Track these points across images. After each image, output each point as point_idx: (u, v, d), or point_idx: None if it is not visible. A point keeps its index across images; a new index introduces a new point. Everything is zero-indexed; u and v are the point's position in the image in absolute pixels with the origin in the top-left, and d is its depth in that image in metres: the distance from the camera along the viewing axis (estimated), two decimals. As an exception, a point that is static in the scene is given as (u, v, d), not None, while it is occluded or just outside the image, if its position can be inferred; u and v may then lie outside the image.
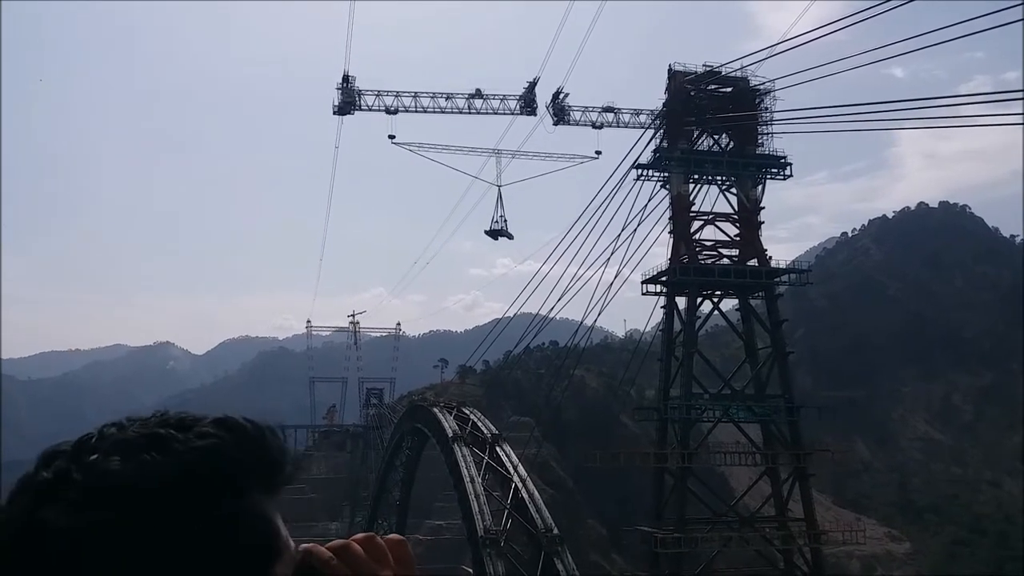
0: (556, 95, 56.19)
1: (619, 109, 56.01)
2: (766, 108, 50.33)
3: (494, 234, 59.47)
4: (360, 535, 1.55)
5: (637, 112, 55.50)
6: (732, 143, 51.51)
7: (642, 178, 50.09)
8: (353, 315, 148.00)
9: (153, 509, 1.22)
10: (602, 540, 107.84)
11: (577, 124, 56.40)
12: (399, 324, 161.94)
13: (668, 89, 50.59)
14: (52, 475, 1.27)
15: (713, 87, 51.17)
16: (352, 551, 1.48)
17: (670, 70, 50.46)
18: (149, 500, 1.23)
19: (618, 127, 55.78)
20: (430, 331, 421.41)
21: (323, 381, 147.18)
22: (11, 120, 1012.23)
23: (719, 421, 50.71)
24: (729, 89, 51.07)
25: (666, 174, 50.30)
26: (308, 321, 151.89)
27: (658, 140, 50.72)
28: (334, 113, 56.29)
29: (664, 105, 50.92)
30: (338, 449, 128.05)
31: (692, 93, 50.30)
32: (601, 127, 56.46)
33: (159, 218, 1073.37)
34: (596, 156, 59.05)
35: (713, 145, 51.87)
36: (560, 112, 56.09)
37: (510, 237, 59.50)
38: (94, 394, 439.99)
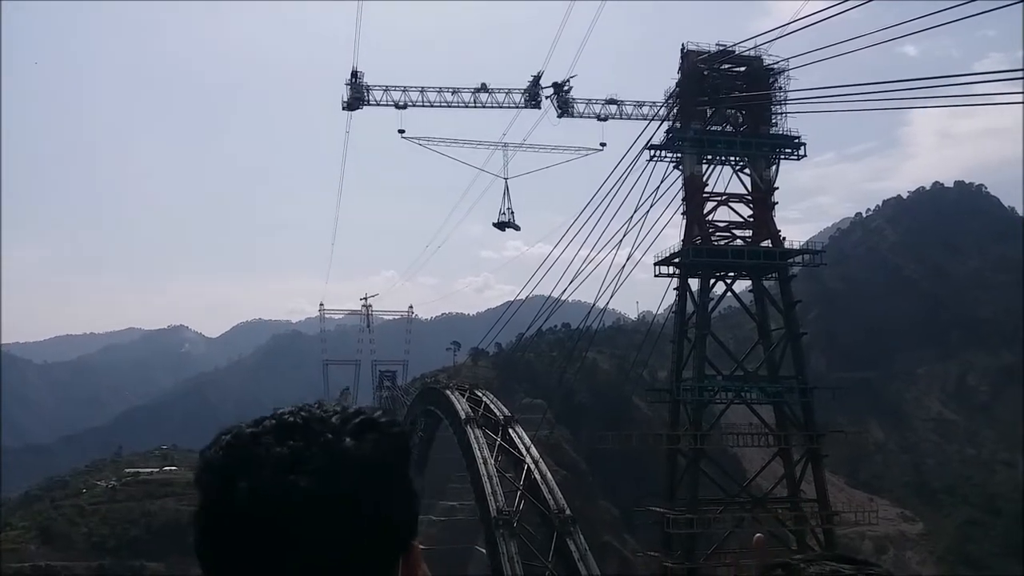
0: (560, 88, 55.97)
1: (622, 101, 55.92)
2: (780, 88, 49.81)
3: (501, 226, 61.13)
4: None
5: (640, 104, 55.38)
6: (745, 123, 51.04)
7: (654, 159, 49.83)
8: (366, 298, 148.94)
9: (381, 479, 1.52)
10: (614, 521, 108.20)
11: (581, 116, 56.41)
12: (411, 307, 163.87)
13: (681, 69, 50.11)
14: (290, 451, 1.48)
15: (726, 67, 50.65)
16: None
17: (683, 49, 49.90)
18: (378, 472, 1.52)
19: (621, 119, 55.81)
20: (442, 314, 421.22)
21: (336, 364, 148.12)
22: (22, 107, 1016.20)
23: (732, 402, 50.67)
24: (742, 68, 50.55)
25: (679, 155, 49.99)
26: (321, 304, 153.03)
27: (669, 123, 50.35)
28: (343, 108, 56.40)
29: (677, 85, 50.44)
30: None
31: (705, 73, 49.80)
32: (605, 119, 56.45)
33: (172, 202, 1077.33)
34: (600, 148, 59.11)
35: (726, 125, 51.42)
36: (564, 105, 55.98)
37: (517, 228, 61.17)
38: (109, 377, 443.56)
